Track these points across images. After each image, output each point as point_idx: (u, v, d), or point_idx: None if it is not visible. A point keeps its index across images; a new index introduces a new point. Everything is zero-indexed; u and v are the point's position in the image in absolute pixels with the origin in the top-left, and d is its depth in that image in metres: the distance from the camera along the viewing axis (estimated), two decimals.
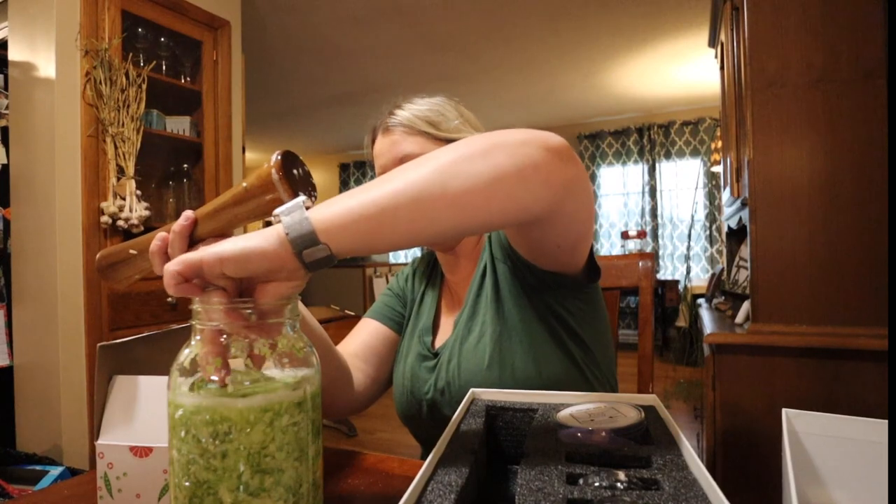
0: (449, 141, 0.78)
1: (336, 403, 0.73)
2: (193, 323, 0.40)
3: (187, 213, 0.47)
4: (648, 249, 5.06)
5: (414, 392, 0.78)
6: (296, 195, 0.45)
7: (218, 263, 0.38)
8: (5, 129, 1.93)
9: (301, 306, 0.65)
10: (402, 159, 0.75)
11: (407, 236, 0.43)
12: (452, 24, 3.03)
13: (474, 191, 0.43)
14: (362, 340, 0.84)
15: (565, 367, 0.70)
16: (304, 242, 0.40)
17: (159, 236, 0.49)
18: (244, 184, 0.46)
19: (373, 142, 0.84)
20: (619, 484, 0.37)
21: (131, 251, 0.53)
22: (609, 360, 0.77)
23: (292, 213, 0.41)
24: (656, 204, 5.09)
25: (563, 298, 0.71)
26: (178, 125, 2.18)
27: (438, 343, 0.81)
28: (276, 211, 0.42)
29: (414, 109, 0.79)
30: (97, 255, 0.56)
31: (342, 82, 4.03)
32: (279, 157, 0.45)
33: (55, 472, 1.61)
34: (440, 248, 0.83)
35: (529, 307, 0.72)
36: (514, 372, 0.69)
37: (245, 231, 0.58)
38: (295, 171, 0.46)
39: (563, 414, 0.50)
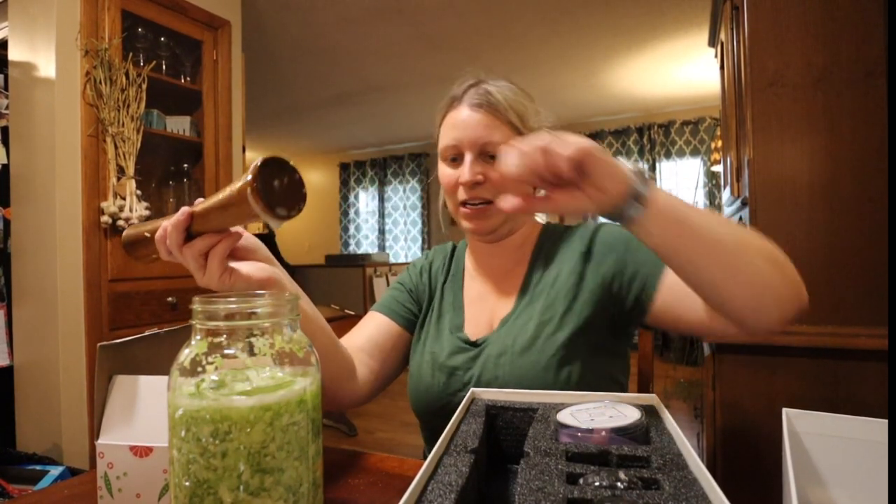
0: None
1: (339, 396, 0.74)
2: (193, 323, 0.40)
3: (184, 209, 0.51)
4: None
5: (451, 384, 0.76)
6: (272, 212, 0.44)
7: (567, 160, 0.45)
8: (5, 129, 1.93)
9: (307, 301, 0.65)
10: (486, 145, 0.75)
11: (686, 259, 0.52)
12: (452, 23, 3.03)
13: (754, 283, 0.53)
14: (368, 335, 0.83)
15: (609, 380, 0.74)
16: (635, 193, 0.49)
17: (163, 225, 0.52)
18: (228, 190, 0.46)
19: (450, 107, 0.79)
20: (619, 483, 0.37)
21: (146, 233, 0.56)
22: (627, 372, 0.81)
23: (641, 177, 0.49)
24: None
25: (627, 324, 0.75)
26: (178, 125, 2.18)
27: (476, 334, 0.80)
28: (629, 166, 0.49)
29: (507, 95, 0.77)
30: (124, 232, 0.59)
31: (342, 82, 4.03)
32: (253, 174, 0.44)
33: (55, 471, 1.61)
34: (489, 239, 0.82)
35: (598, 319, 0.74)
36: (569, 378, 0.70)
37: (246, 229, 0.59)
38: (276, 182, 0.45)
39: (563, 414, 0.50)
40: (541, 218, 0.92)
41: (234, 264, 0.56)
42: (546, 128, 0.80)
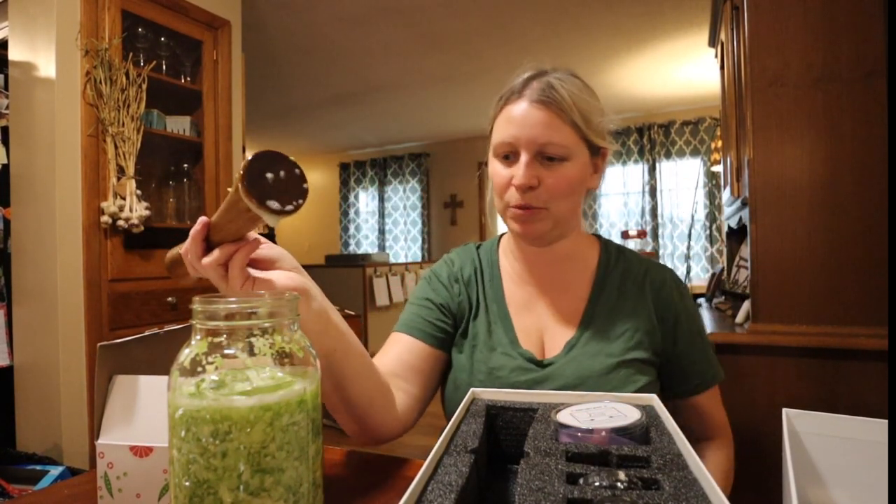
0: (590, 143, 0.73)
1: (380, 427, 0.66)
2: (193, 323, 0.40)
3: (201, 219, 0.50)
4: (649, 249, 5.06)
5: None
6: (263, 205, 0.42)
7: None
8: (5, 129, 1.93)
9: (340, 318, 0.60)
10: (545, 146, 0.69)
11: None
12: (452, 23, 3.03)
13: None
14: (400, 358, 0.75)
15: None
16: None
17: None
18: (230, 189, 0.45)
19: (508, 100, 0.74)
20: (619, 484, 0.37)
21: (179, 252, 0.55)
22: None
23: None
24: (656, 203, 5.08)
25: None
26: (178, 125, 2.18)
27: (531, 349, 0.75)
28: None
29: (572, 91, 0.70)
30: (167, 254, 0.58)
31: (342, 82, 4.02)
32: (243, 171, 0.42)
33: (55, 471, 1.61)
34: (537, 243, 0.77)
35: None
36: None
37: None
38: (270, 175, 0.43)
39: (563, 414, 0.50)
40: (583, 224, 0.87)
41: (257, 273, 0.53)
42: (610, 130, 0.76)
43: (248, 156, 0.43)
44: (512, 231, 0.77)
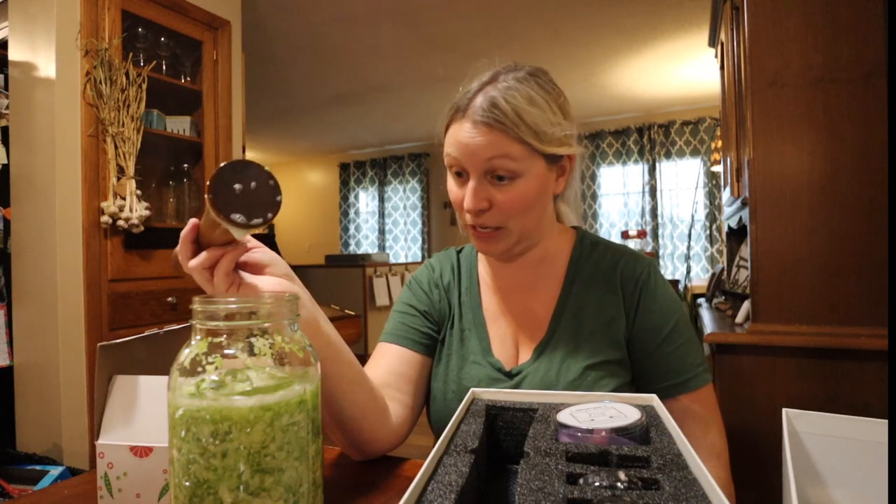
0: (547, 156, 0.69)
1: (374, 441, 0.64)
2: (193, 323, 0.40)
3: (192, 221, 0.50)
4: (649, 249, 5.06)
5: None
6: (228, 218, 0.41)
7: None
8: (5, 129, 1.93)
9: (332, 327, 0.60)
10: (493, 168, 0.66)
11: None
12: (452, 23, 3.03)
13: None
14: (390, 367, 0.74)
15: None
16: None
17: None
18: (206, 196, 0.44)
19: (453, 117, 0.71)
20: (619, 484, 0.37)
21: None
22: None
23: None
24: (656, 203, 5.09)
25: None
26: (179, 125, 2.18)
27: (504, 356, 0.74)
28: None
29: (518, 105, 0.65)
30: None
31: (342, 82, 4.03)
32: (210, 181, 0.41)
33: (55, 471, 1.61)
34: (502, 258, 0.76)
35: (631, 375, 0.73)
36: None
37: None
38: (238, 186, 0.42)
39: (563, 414, 0.50)
40: (569, 217, 0.83)
41: (245, 277, 0.52)
42: (570, 133, 0.71)
43: (221, 164, 0.42)
44: (477, 248, 0.75)
